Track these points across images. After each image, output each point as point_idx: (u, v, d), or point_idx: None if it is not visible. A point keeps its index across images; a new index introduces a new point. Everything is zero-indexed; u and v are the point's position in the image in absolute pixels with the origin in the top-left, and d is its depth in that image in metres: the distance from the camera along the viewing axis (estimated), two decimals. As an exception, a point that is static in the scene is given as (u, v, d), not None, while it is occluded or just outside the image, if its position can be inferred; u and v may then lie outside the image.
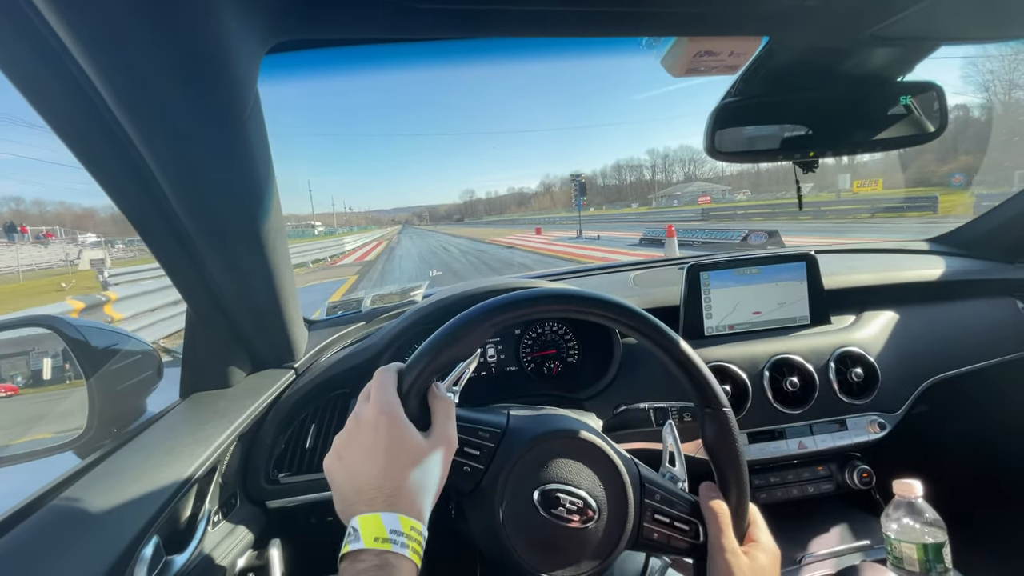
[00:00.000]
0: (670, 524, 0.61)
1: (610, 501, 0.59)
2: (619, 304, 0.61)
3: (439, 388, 0.56)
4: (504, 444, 0.59)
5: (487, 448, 0.59)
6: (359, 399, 0.55)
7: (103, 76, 0.54)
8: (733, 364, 1.15)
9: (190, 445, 0.75)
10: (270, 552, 0.89)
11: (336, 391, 1.03)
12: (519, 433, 0.60)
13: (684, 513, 0.62)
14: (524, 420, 0.63)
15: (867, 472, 1.20)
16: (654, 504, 0.61)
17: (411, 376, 0.54)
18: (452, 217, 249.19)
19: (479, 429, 0.60)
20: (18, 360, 0.90)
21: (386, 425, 0.50)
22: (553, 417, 0.64)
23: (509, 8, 0.59)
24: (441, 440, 0.52)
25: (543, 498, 0.57)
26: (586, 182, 33.78)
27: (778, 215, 27.33)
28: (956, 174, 29.22)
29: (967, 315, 1.34)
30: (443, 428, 0.53)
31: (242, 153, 0.69)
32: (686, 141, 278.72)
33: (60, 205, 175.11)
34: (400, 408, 0.52)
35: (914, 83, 0.91)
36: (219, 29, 0.53)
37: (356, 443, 0.50)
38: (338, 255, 28.41)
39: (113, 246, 48.47)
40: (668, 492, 0.63)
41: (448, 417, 0.54)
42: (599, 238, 24.14)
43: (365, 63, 0.75)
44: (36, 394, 0.81)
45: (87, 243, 44.86)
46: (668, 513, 0.61)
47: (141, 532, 0.60)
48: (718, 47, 0.73)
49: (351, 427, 0.52)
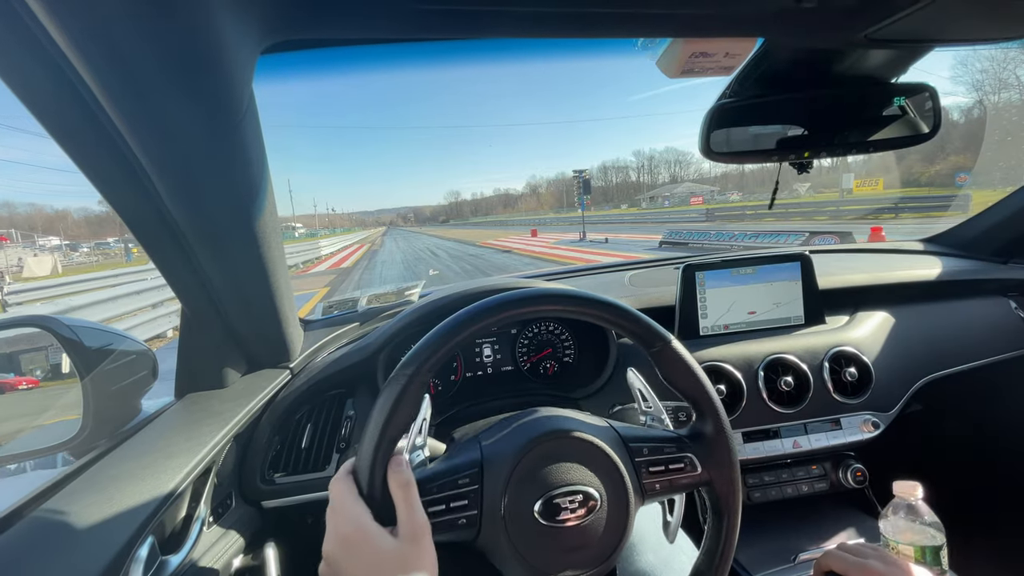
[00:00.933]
0: (666, 469, 0.62)
1: (604, 479, 0.59)
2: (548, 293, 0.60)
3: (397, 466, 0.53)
4: (487, 479, 0.58)
5: (472, 491, 0.58)
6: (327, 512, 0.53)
7: (98, 77, 0.53)
8: (728, 364, 1.16)
9: (185, 445, 0.75)
10: (266, 552, 0.89)
11: (332, 391, 1.03)
12: (497, 462, 0.59)
13: (674, 453, 0.62)
14: (496, 444, 0.62)
15: (861, 471, 1.21)
16: (645, 458, 0.62)
17: (365, 475, 0.53)
18: (438, 218, 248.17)
19: (457, 477, 0.58)
20: (37, 355, 0.93)
21: (360, 541, 0.49)
22: (520, 427, 0.62)
23: (502, 9, 0.59)
24: (412, 533, 0.50)
25: (544, 510, 0.57)
26: (590, 178, 31.85)
27: (792, 215, 26.34)
28: (960, 173, 29.03)
29: (961, 315, 1.35)
30: (409, 520, 0.51)
31: (237, 153, 0.69)
32: (672, 143, 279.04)
33: (31, 207, 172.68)
34: (367, 517, 0.50)
35: (908, 85, 0.91)
36: (214, 29, 0.53)
37: (342, 560, 0.50)
38: (312, 261, 25.49)
39: (75, 250, 47.22)
40: (652, 440, 0.63)
41: (409, 506, 0.52)
42: (607, 241, 22.22)
43: (359, 63, 0.75)
44: (55, 387, 0.83)
45: (47, 247, 43.37)
46: (660, 460, 0.62)
47: (136, 532, 0.60)
48: (713, 48, 0.74)
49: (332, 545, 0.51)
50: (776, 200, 1.07)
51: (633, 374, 0.72)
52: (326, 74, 0.78)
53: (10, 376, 0.96)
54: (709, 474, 0.62)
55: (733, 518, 0.63)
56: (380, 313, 1.30)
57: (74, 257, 39.65)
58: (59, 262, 28.04)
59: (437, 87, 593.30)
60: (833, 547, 0.70)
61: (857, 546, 0.68)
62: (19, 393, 0.95)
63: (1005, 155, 25.22)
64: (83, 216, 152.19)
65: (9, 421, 0.92)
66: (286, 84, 0.75)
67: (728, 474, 0.63)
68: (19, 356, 0.95)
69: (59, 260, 29.76)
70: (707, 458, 0.63)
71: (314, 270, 21.14)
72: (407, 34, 0.66)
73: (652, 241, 19.02)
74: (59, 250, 40.96)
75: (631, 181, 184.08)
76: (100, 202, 47.73)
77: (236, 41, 0.56)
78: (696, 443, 0.64)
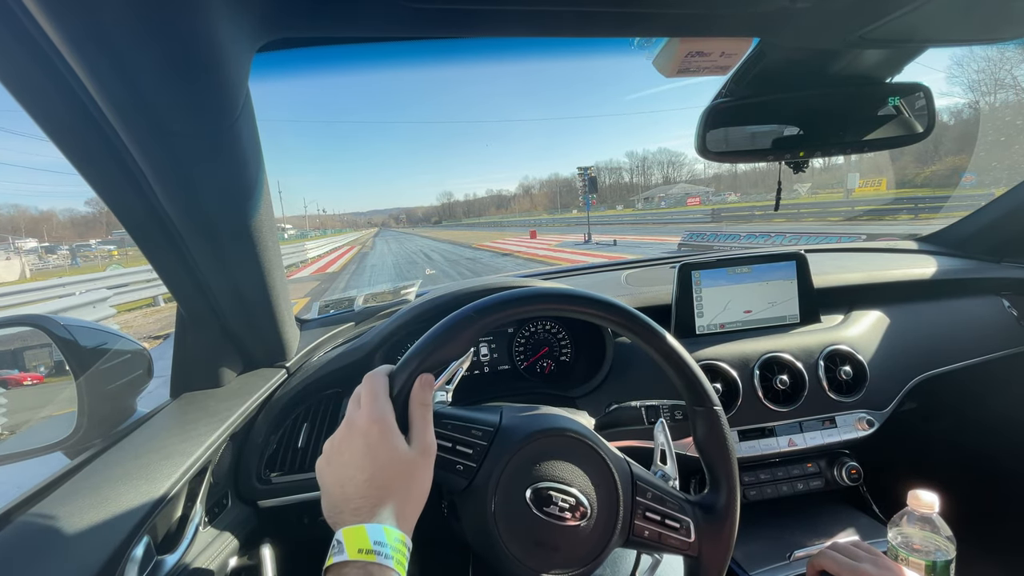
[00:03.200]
0: (661, 522, 0.61)
1: (601, 499, 0.59)
2: (611, 303, 0.61)
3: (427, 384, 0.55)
4: (497, 442, 0.59)
5: (480, 446, 0.59)
6: (350, 403, 0.54)
7: (93, 74, 0.53)
8: (724, 362, 1.16)
9: (181, 445, 0.75)
10: (262, 552, 0.89)
11: (328, 390, 1.03)
12: (512, 431, 0.60)
13: (675, 511, 0.62)
14: (517, 418, 0.63)
15: (855, 469, 1.22)
16: (645, 502, 0.61)
17: (401, 379, 0.54)
18: (430, 219, 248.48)
19: (472, 427, 0.59)
20: (40, 352, 0.95)
21: (377, 434, 0.50)
22: (546, 416, 0.64)
23: (498, 8, 0.59)
24: (421, 448, 0.52)
25: (536, 496, 0.57)
26: (596, 176, 30.29)
27: (803, 216, 25.26)
28: (966, 173, 28.83)
29: (954, 313, 1.36)
30: (421, 436, 0.53)
31: (233, 152, 0.69)
32: (665, 144, 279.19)
33: (14, 208, 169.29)
34: (391, 415, 0.52)
35: (902, 84, 0.92)
36: (210, 26, 0.53)
37: (347, 449, 0.50)
38: (297, 265, 23.22)
39: (52, 253, 46.53)
40: (659, 490, 0.63)
41: (425, 423, 0.54)
42: (615, 243, 20.71)
43: (355, 62, 0.75)
44: (59, 383, 0.85)
45: (23, 249, 42.76)
46: (659, 511, 0.62)
47: (132, 532, 0.59)
48: (709, 48, 0.74)
49: (343, 433, 0.52)
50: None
51: (661, 430, 0.69)
52: (320, 72, 0.78)
53: (15, 372, 0.97)
54: (700, 547, 0.62)
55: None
56: (376, 312, 1.30)
57: (50, 260, 38.85)
58: (27, 267, 27.10)
59: (431, 86, 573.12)
60: (830, 546, 0.70)
61: (850, 547, 0.68)
62: (24, 388, 0.97)
63: (1008, 155, 24.88)
64: (68, 217, 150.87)
65: (15, 414, 0.94)
66: (281, 82, 0.74)
67: (721, 555, 0.62)
68: (23, 352, 0.98)
69: (27, 264, 28.75)
70: (705, 532, 0.62)
71: (296, 276, 18.68)
72: (402, 33, 0.66)
73: (665, 244, 18.07)
74: (34, 253, 40.17)
75: (624, 182, 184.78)
76: (87, 203, 46.07)
77: (232, 39, 0.56)
78: (701, 512, 0.63)
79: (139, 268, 13.38)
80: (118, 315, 9.96)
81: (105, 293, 10.14)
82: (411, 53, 0.75)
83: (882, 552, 0.68)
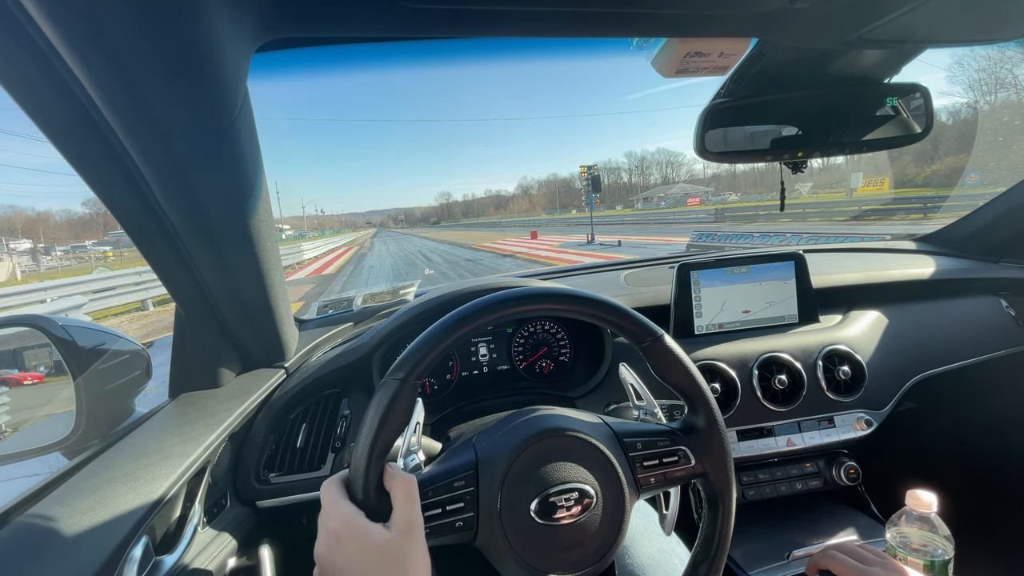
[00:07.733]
0: (660, 463, 0.62)
1: (599, 476, 0.59)
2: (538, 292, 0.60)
3: (393, 468, 0.54)
4: (482, 480, 0.58)
5: (468, 493, 0.58)
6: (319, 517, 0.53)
7: (92, 75, 0.53)
8: (722, 362, 1.16)
9: (179, 445, 0.75)
10: (261, 552, 0.89)
11: (327, 390, 1.03)
12: (492, 463, 0.59)
13: (667, 447, 0.63)
14: (490, 445, 0.61)
15: (854, 468, 1.22)
16: (639, 453, 0.62)
17: (358, 481, 0.53)
18: (428, 220, 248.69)
19: (452, 480, 0.58)
20: (41, 351, 0.95)
21: (348, 538, 0.49)
22: (517, 427, 0.62)
23: (496, 8, 0.59)
24: (404, 528, 0.50)
25: (540, 509, 0.57)
26: (599, 175, 29.43)
27: (809, 215, 24.59)
28: (970, 172, 28.55)
29: (952, 313, 1.36)
30: (402, 512, 0.51)
31: (232, 151, 0.69)
32: (663, 144, 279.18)
33: (10, 209, 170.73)
34: (356, 516, 0.51)
35: (901, 85, 0.92)
36: (209, 26, 0.53)
37: (332, 559, 0.50)
38: (293, 267, 22.69)
39: (47, 254, 46.31)
40: (646, 434, 0.64)
41: (407, 497, 0.52)
42: (620, 244, 19.80)
43: (354, 62, 0.75)
44: (59, 382, 0.85)
45: (17, 251, 42.46)
46: (654, 454, 0.62)
47: (130, 533, 0.59)
48: (708, 48, 0.74)
49: (322, 547, 0.51)
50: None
51: (625, 369, 0.72)
52: (319, 72, 0.78)
53: (15, 372, 0.98)
54: (703, 465, 0.63)
55: (728, 507, 0.63)
56: (375, 312, 1.30)
57: (44, 261, 38.42)
58: (19, 268, 26.66)
59: (430, 86, 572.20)
60: (832, 546, 0.69)
61: (858, 549, 0.67)
62: (24, 388, 0.98)
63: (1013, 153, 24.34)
64: (64, 218, 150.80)
65: (16, 413, 0.94)
66: (279, 83, 0.75)
67: (722, 464, 0.63)
68: (23, 352, 0.98)
69: (19, 266, 28.35)
70: (700, 450, 0.63)
71: (293, 276, 18.25)
72: (401, 33, 0.66)
73: (672, 245, 17.50)
74: (28, 254, 39.78)
75: (622, 182, 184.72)
76: (84, 204, 45.70)
77: (231, 39, 0.56)
78: (689, 436, 0.64)
79: (126, 271, 13.09)
80: (101, 321, 9.86)
81: (79, 300, 9.62)
82: (409, 53, 0.75)
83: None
